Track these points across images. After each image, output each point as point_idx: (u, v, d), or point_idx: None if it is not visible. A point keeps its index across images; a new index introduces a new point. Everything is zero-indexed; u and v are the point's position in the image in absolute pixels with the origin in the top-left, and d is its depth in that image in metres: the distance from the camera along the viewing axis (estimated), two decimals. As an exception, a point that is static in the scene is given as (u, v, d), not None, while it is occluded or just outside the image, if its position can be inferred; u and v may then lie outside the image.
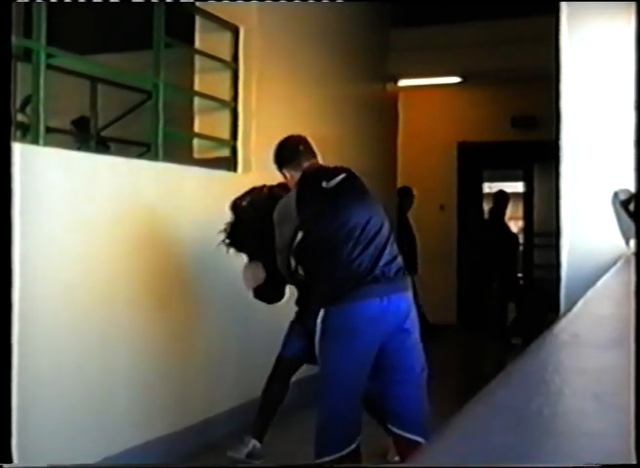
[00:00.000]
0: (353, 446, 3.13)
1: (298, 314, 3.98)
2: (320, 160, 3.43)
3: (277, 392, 4.04)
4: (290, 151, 3.43)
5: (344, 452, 3.09)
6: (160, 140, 4.30)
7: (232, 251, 3.76)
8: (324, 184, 3.17)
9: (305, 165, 3.34)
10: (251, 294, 3.76)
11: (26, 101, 3.75)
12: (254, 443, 4.01)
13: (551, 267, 4.05)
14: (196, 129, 5.04)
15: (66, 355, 3.50)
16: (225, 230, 3.79)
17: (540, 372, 1.11)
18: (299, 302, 3.93)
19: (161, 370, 4.12)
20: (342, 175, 3.21)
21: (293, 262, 3.13)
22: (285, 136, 3.55)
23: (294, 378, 4.13)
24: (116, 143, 5.92)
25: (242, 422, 4.17)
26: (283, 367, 4.03)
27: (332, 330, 3.07)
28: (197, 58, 5.04)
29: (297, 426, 4.39)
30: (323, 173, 3.28)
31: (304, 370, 4.11)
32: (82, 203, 3.64)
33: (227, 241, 3.77)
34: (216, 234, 3.75)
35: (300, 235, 3.10)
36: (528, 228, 9.79)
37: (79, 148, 5.37)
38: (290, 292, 3.86)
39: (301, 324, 3.87)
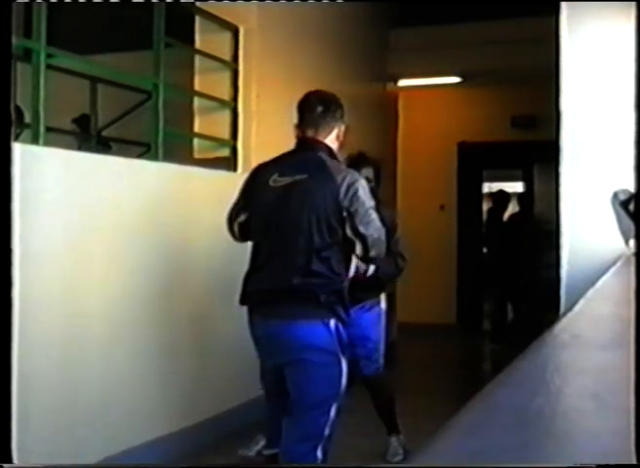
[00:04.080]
0: None
1: None
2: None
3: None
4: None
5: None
6: (160, 140, 4.30)
7: None
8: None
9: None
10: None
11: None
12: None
13: (551, 267, 4.05)
14: (196, 129, 5.04)
15: (66, 355, 3.50)
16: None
17: (540, 372, 1.11)
18: None
19: (161, 369, 4.12)
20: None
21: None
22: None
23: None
24: (116, 143, 5.92)
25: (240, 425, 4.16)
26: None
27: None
28: (197, 58, 5.04)
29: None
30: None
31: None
32: (82, 203, 3.63)
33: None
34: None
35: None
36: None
37: (80, 148, 5.37)
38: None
39: None
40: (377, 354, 4.14)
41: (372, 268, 3.78)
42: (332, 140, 3.13)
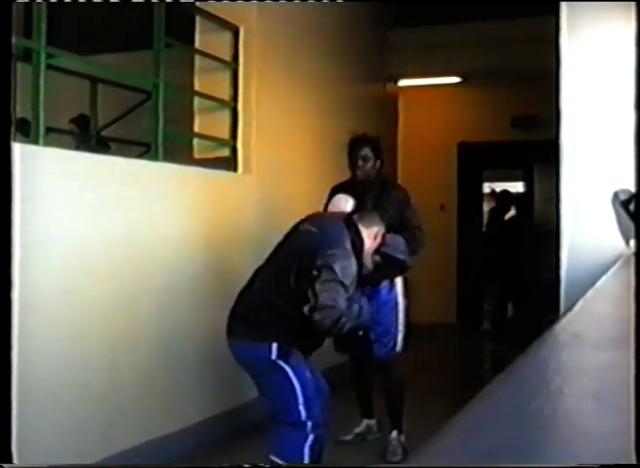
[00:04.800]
0: None
1: None
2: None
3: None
4: None
5: None
6: (160, 140, 4.30)
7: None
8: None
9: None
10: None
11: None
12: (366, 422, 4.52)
13: (551, 267, 4.05)
14: (196, 129, 5.03)
15: (66, 355, 3.50)
16: None
17: (540, 372, 1.11)
18: None
19: (161, 369, 4.12)
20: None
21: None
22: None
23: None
24: (116, 143, 5.92)
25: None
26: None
27: None
28: (197, 58, 5.04)
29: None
30: None
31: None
32: (82, 203, 3.63)
33: None
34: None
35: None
36: (528, 228, 9.78)
37: (78, 147, 5.37)
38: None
39: None
40: (387, 337, 4.20)
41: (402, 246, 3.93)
42: (369, 236, 3.39)
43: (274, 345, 3.15)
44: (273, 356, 3.15)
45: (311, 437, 3.15)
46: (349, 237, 3.29)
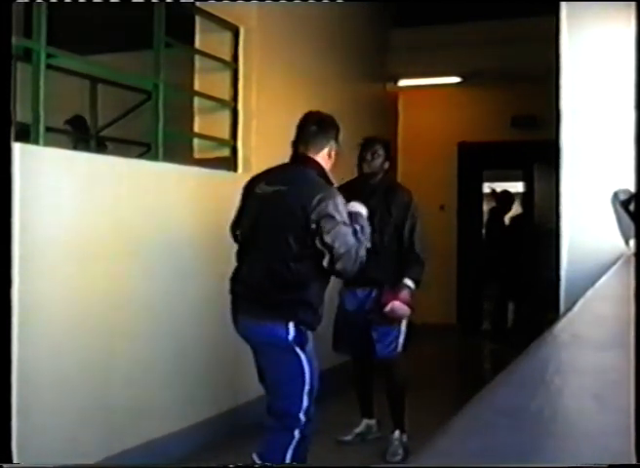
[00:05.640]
0: None
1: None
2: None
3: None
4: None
5: None
6: (160, 140, 4.30)
7: None
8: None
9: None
10: None
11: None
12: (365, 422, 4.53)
13: (551, 267, 4.05)
14: (196, 129, 5.04)
15: (67, 355, 3.50)
16: None
17: (540, 372, 1.11)
18: None
19: (161, 369, 4.12)
20: None
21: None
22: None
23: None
24: (116, 143, 5.92)
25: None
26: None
27: None
28: (197, 58, 5.04)
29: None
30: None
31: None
32: (82, 203, 3.64)
33: None
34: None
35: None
36: (528, 228, 9.78)
37: (75, 147, 5.37)
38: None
39: None
40: (389, 338, 4.22)
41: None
42: (323, 158, 3.31)
43: (291, 324, 3.08)
44: (290, 337, 3.09)
45: (298, 437, 3.10)
46: (315, 173, 3.23)
